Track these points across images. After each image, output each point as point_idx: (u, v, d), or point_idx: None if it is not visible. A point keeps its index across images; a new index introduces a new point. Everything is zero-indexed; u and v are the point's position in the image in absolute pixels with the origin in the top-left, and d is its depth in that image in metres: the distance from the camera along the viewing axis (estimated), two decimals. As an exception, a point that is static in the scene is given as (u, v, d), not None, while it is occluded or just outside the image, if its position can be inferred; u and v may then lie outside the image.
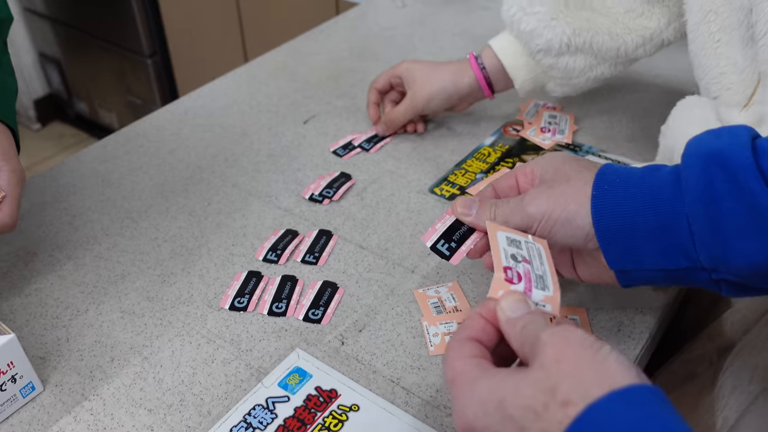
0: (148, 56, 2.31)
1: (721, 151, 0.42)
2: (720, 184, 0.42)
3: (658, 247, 0.45)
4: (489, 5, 1.25)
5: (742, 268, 0.43)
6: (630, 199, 0.46)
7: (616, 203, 0.46)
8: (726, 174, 0.42)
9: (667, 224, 0.44)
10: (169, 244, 0.72)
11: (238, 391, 0.57)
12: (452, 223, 0.55)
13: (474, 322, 0.42)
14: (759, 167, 0.41)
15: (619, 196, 0.46)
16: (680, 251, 0.45)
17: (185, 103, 0.97)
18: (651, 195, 0.45)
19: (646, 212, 0.45)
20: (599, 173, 0.48)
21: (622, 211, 0.46)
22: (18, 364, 0.54)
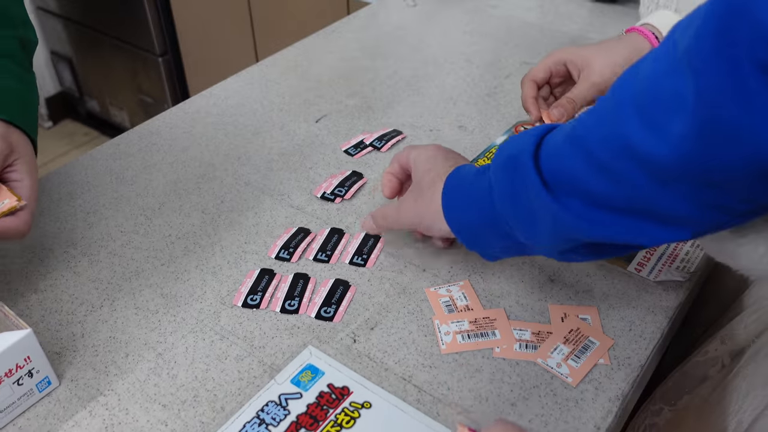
0: (159, 55, 2.32)
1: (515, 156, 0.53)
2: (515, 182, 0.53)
3: (494, 234, 0.57)
4: (498, 4, 1.25)
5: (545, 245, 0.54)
6: (465, 208, 0.59)
7: (457, 213, 0.60)
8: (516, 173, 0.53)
9: (492, 219, 0.56)
10: (183, 241, 0.73)
11: (251, 388, 0.58)
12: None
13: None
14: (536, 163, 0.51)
15: (458, 207, 0.60)
16: (505, 235, 0.57)
17: (198, 101, 0.97)
18: (478, 201, 0.57)
19: (478, 215, 0.58)
20: (444, 188, 0.61)
21: (463, 217, 0.60)
22: (35, 359, 0.55)
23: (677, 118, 0.39)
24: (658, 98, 0.40)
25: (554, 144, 0.51)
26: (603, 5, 1.25)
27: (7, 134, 0.62)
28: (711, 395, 0.64)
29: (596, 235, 0.49)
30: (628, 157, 0.43)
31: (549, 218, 0.51)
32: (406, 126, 0.91)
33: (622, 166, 0.44)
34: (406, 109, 0.95)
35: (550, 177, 0.50)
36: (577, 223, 0.49)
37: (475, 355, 0.60)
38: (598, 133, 0.46)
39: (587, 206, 0.48)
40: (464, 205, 0.59)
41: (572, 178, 0.48)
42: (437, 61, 1.06)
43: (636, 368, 0.59)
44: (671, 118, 0.39)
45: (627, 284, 0.67)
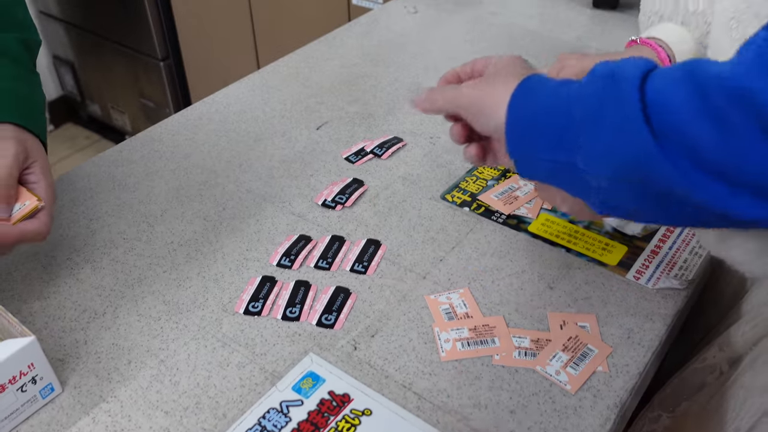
0: (161, 59, 2.33)
1: (621, 67, 0.48)
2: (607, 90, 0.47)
3: (547, 139, 0.51)
4: (499, 11, 1.26)
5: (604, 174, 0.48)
6: (537, 98, 0.53)
7: (526, 101, 0.53)
8: (612, 81, 0.47)
9: (557, 121, 0.50)
10: (185, 248, 0.73)
11: (253, 395, 0.58)
12: None
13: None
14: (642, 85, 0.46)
15: (529, 96, 0.53)
16: (563, 147, 0.50)
17: (200, 108, 0.98)
18: (554, 96, 0.51)
19: (545, 108, 0.51)
20: (526, 78, 0.55)
21: (529, 107, 0.53)
22: (38, 366, 0.56)
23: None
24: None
25: (666, 77, 0.46)
26: (603, 12, 1.26)
27: (23, 138, 0.64)
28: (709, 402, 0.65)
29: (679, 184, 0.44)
30: (745, 105, 0.40)
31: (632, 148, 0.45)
32: (406, 133, 0.91)
33: (737, 115, 0.40)
34: (406, 116, 0.95)
35: (654, 111, 0.45)
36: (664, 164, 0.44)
37: (474, 363, 0.61)
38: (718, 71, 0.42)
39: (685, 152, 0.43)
40: (535, 101, 0.53)
41: (678, 119, 0.44)
42: (438, 69, 1.07)
43: (634, 376, 0.60)
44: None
45: (626, 292, 0.67)
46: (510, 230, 0.75)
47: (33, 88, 0.71)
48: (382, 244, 0.73)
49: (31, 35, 0.75)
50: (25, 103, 0.67)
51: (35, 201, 0.62)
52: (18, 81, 0.68)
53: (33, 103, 0.69)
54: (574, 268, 0.70)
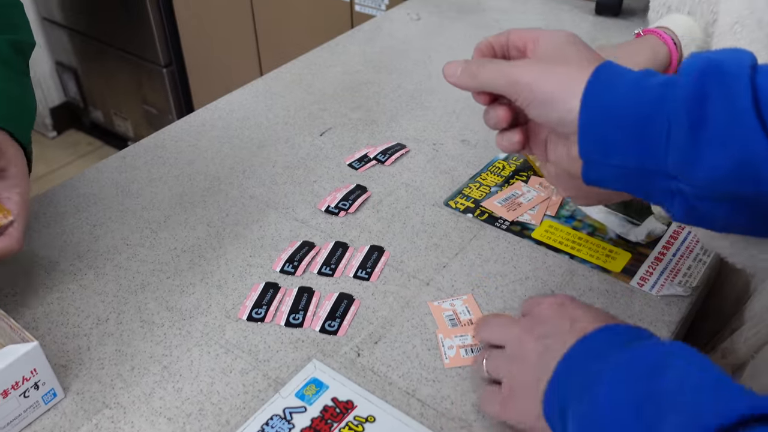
0: (163, 66, 2.33)
1: (721, 61, 0.43)
2: (711, 87, 0.42)
3: (630, 141, 0.45)
4: (502, 17, 1.26)
5: (703, 179, 0.43)
6: (618, 93, 0.45)
7: (605, 94, 0.46)
8: (719, 79, 0.42)
9: (646, 121, 0.44)
10: (188, 254, 0.73)
11: (256, 401, 0.58)
12: None
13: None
14: (752, 81, 0.41)
15: (610, 89, 0.46)
16: (650, 150, 0.44)
17: (203, 114, 0.98)
18: (638, 90, 0.45)
19: (629, 104, 0.45)
20: (601, 66, 0.47)
21: (608, 101, 0.45)
22: (41, 372, 0.56)
23: None
24: None
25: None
26: (606, 19, 1.26)
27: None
28: None
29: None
30: None
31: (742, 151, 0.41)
32: (409, 140, 0.92)
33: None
34: (409, 122, 0.95)
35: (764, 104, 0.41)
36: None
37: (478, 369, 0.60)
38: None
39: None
40: (617, 95, 0.45)
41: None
42: (441, 76, 1.06)
43: (639, 383, 0.59)
44: None
45: (630, 298, 0.67)
46: (513, 237, 0.75)
47: (21, 90, 0.68)
48: (386, 251, 0.73)
49: (24, 37, 0.73)
50: (8, 104, 0.65)
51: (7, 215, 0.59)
52: (3, 82, 0.66)
53: (18, 106, 0.66)
54: (577, 275, 0.70)
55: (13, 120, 0.65)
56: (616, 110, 0.45)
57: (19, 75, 0.70)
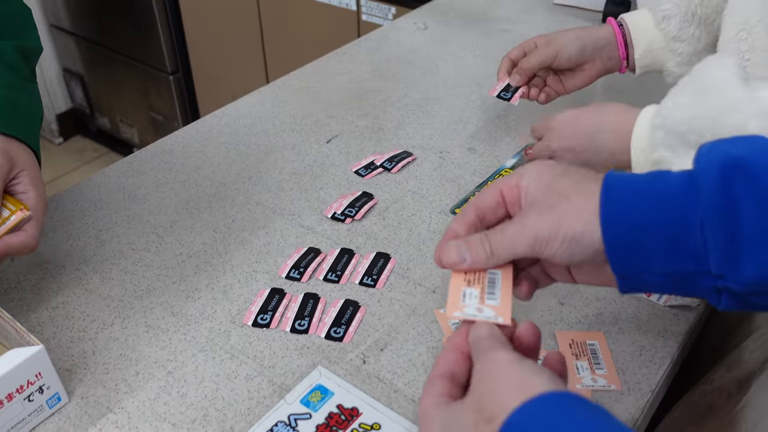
0: (170, 73, 2.34)
1: (740, 157, 0.42)
2: (739, 189, 0.41)
3: (666, 253, 0.43)
4: (510, 28, 1.26)
5: (751, 277, 0.41)
6: (640, 208, 0.44)
7: (625, 214, 0.44)
8: (745, 179, 0.41)
9: (678, 231, 0.42)
10: (194, 259, 0.73)
11: (261, 407, 0.58)
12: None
13: (446, 357, 0.44)
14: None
15: (628, 206, 0.44)
16: (689, 256, 0.43)
17: (210, 121, 0.98)
18: (662, 201, 0.43)
19: (656, 220, 0.43)
20: (605, 184, 0.45)
21: (632, 221, 0.44)
22: (46, 376, 0.55)
23: None
24: None
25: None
26: (612, 30, 1.26)
27: (7, 148, 0.61)
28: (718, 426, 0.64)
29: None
30: None
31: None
32: (416, 147, 0.92)
33: None
34: (416, 130, 0.95)
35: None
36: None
37: (484, 378, 0.60)
38: None
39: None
40: (635, 210, 0.44)
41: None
42: (447, 84, 1.07)
43: (646, 393, 0.59)
44: None
45: (637, 308, 0.67)
46: (520, 245, 0.75)
47: (27, 95, 0.69)
48: (392, 258, 0.73)
49: (31, 43, 0.73)
50: (15, 110, 0.65)
51: (20, 212, 0.60)
52: (9, 88, 0.66)
53: (24, 111, 0.67)
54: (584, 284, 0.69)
55: (22, 126, 0.65)
56: (643, 228, 0.43)
57: (25, 81, 0.70)
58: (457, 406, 0.40)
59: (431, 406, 0.41)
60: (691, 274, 0.43)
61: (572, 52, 0.85)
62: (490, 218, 0.49)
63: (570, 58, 0.85)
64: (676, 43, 0.81)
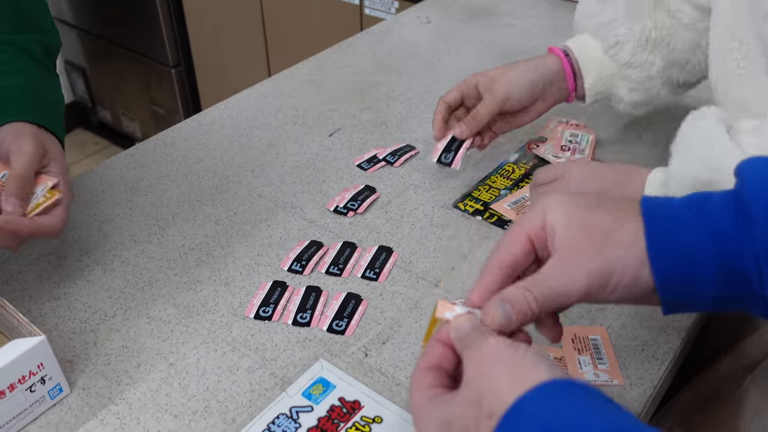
0: (172, 66, 2.34)
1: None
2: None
3: (719, 282, 0.42)
4: (513, 22, 1.26)
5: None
6: (690, 242, 0.42)
7: (676, 248, 0.42)
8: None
9: (732, 261, 0.41)
10: (196, 252, 0.73)
11: (262, 400, 0.57)
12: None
13: (432, 350, 0.43)
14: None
15: (677, 238, 0.42)
16: (742, 283, 0.42)
17: (212, 113, 0.98)
18: (713, 232, 0.41)
19: (708, 250, 0.41)
20: (645, 216, 0.43)
21: (682, 255, 0.42)
22: (47, 366, 0.55)
23: None
24: None
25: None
26: (616, 25, 1.25)
27: (40, 137, 0.64)
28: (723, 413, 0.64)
29: None
30: None
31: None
32: (419, 141, 0.91)
33: None
34: (419, 124, 0.95)
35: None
36: None
37: (486, 372, 0.60)
38: None
39: None
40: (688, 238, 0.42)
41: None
42: (450, 78, 1.07)
43: (649, 388, 0.59)
44: None
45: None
46: (523, 240, 0.74)
47: (53, 88, 0.71)
48: (394, 252, 0.73)
49: (52, 38, 0.76)
50: (45, 103, 0.67)
51: (56, 192, 0.62)
52: (39, 81, 0.69)
53: (52, 104, 0.69)
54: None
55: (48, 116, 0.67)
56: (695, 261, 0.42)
57: (49, 74, 0.73)
58: (454, 400, 0.39)
59: (425, 400, 0.40)
60: (744, 297, 0.42)
61: (523, 94, 0.79)
62: (521, 268, 0.46)
63: (521, 100, 0.79)
64: (629, 69, 0.79)
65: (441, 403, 0.40)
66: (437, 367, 0.42)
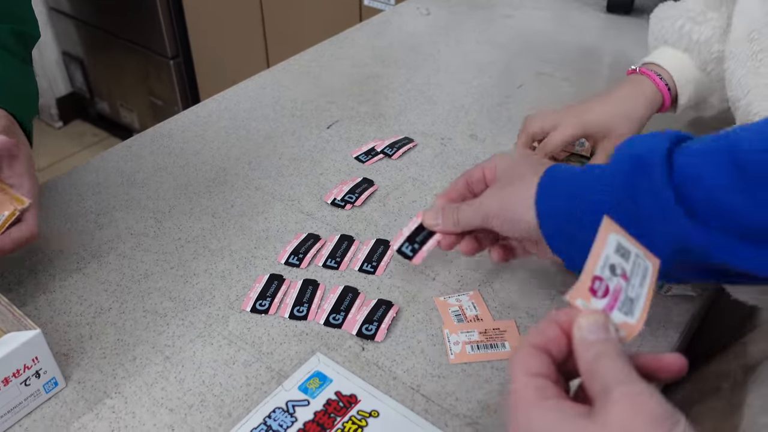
0: (170, 58, 2.33)
1: (643, 150, 0.49)
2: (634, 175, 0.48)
3: (588, 231, 0.47)
4: (512, 13, 1.25)
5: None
6: (566, 198, 0.52)
7: (554, 203, 0.53)
8: (639, 166, 0.48)
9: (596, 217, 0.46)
10: (192, 244, 0.73)
11: (259, 394, 0.57)
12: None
13: (548, 330, 0.39)
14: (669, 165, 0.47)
15: (557, 196, 0.53)
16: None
17: (210, 105, 0.97)
18: (582, 192, 0.51)
19: (579, 208, 0.51)
20: (543, 177, 0.54)
21: (560, 209, 0.52)
22: (42, 360, 0.55)
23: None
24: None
25: (695, 154, 0.47)
26: (617, 17, 1.25)
27: (11, 127, 0.61)
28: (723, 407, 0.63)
29: (726, 261, 0.45)
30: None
31: (673, 234, 0.46)
32: (417, 134, 0.91)
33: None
34: (418, 117, 0.95)
35: (685, 189, 0.46)
36: (708, 245, 0.45)
37: (484, 366, 0.60)
38: (755, 144, 0.43)
39: (724, 230, 0.44)
40: (561, 200, 0.53)
41: (708, 192, 0.45)
42: (449, 70, 1.06)
43: (646, 383, 0.58)
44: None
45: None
46: (521, 233, 0.74)
47: (24, 80, 0.69)
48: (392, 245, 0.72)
49: (28, 28, 0.74)
50: (10, 88, 0.65)
51: (12, 207, 0.60)
52: (9, 71, 0.66)
53: (19, 91, 0.67)
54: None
55: (17, 105, 0.65)
56: (566, 208, 0.52)
57: (21, 63, 0.70)
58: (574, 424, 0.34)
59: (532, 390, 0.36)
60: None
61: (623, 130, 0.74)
62: (476, 189, 0.62)
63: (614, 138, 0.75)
64: (722, 81, 0.74)
65: (553, 410, 0.35)
66: (547, 351, 0.38)
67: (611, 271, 0.41)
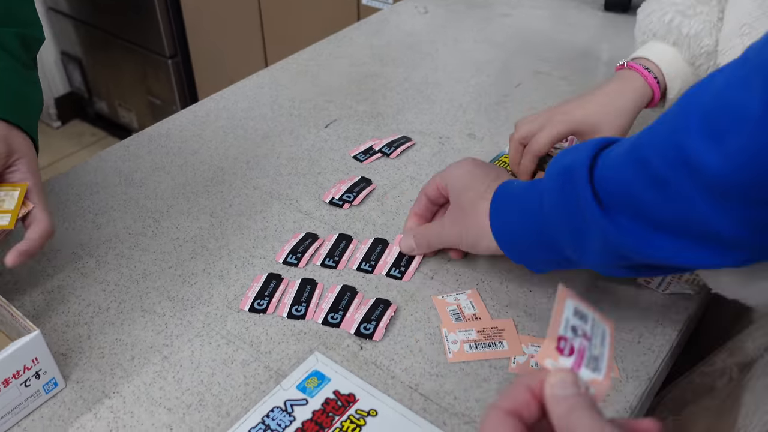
0: (169, 57, 2.33)
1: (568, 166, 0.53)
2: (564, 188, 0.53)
3: (541, 247, 0.58)
4: (510, 12, 1.25)
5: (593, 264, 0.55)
6: (513, 221, 0.59)
7: (507, 221, 0.60)
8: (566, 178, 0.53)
9: (540, 232, 0.56)
10: (190, 244, 0.73)
11: (257, 393, 0.57)
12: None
13: (518, 394, 0.39)
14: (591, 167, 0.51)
15: (509, 212, 0.60)
16: (554, 248, 0.56)
17: (208, 104, 0.97)
18: (527, 213, 0.58)
19: (525, 227, 0.58)
20: (493, 200, 0.61)
21: (513, 227, 0.60)
22: (42, 361, 0.55)
23: (738, 129, 0.39)
24: (722, 108, 0.41)
25: (611, 156, 0.50)
26: (614, 15, 1.25)
27: (7, 135, 0.62)
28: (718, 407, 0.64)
29: (645, 254, 0.48)
30: (682, 166, 0.43)
31: (599, 234, 0.50)
32: (415, 133, 0.91)
33: (675, 177, 0.44)
34: (415, 116, 0.95)
35: (603, 190, 0.50)
36: (626, 241, 0.49)
37: (482, 365, 0.60)
38: (657, 141, 0.46)
39: (638, 224, 0.48)
40: (513, 219, 0.59)
41: (624, 191, 0.48)
42: (447, 69, 1.06)
43: (644, 381, 0.59)
44: (731, 129, 0.39)
45: (636, 296, 0.67)
46: (519, 232, 0.74)
47: (26, 82, 0.69)
48: (390, 244, 0.72)
49: (33, 32, 0.73)
50: (14, 97, 0.65)
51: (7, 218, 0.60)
52: (9, 74, 0.66)
53: (23, 98, 0.67)
54: (584, 271, 0.69)
55: (20, 112, 0.65)
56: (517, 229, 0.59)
57: (25, 68, 0.70)
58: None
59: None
60: (566, 259, 0.57)
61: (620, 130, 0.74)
62: (439, 202, 0.70)
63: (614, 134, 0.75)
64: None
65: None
66: (518, 414, 0.37)
67: (573, 332, 0.41)
